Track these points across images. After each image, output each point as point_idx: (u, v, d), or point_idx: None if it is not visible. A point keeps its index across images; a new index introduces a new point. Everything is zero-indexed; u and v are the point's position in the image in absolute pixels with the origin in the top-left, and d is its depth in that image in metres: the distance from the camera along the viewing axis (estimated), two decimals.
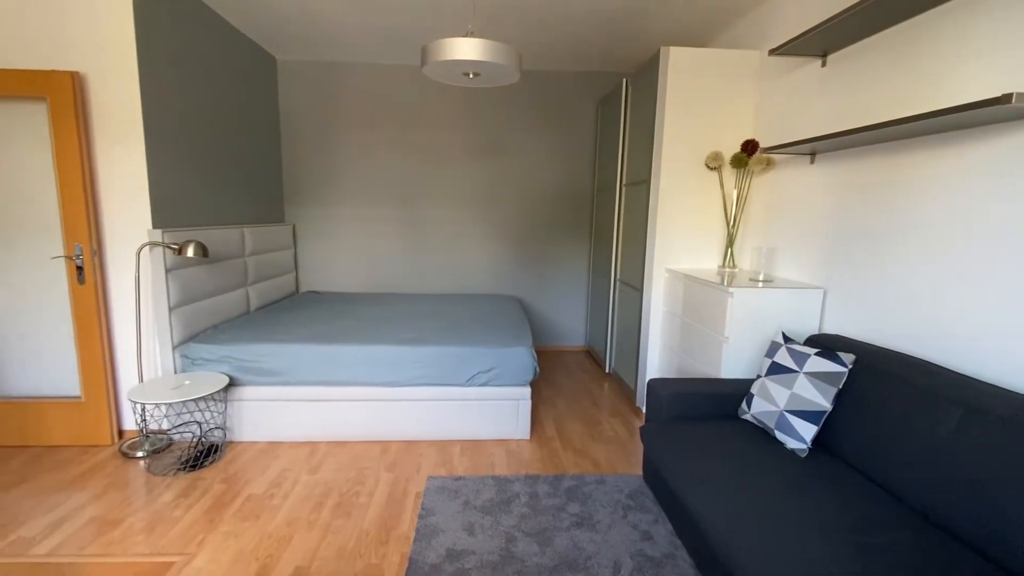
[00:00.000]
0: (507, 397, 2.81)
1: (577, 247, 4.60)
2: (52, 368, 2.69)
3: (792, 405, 1.90)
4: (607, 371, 4.05)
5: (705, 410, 2.19)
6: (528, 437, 2.87)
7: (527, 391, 2.82)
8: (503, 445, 2.79)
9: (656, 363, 3.21)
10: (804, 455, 1.83)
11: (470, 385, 2.78)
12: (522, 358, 2.78)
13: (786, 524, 1.43)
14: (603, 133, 4.16)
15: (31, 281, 2.61)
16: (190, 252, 2.60)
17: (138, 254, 2.57)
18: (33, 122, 2.50)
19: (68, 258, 2.55)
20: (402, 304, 3.85)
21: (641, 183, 3.26)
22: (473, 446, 2.78)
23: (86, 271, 2.56)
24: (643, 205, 3.19)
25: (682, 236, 3.06)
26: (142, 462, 2.52)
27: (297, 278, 4.48)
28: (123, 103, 2.54)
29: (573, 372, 4.11)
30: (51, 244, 2.59)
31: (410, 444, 2.79)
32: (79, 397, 2.68)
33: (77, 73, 2.45)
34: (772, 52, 2.40)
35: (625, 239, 3.64)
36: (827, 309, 2.39)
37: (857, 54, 2.21)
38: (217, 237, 3.12)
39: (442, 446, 2.77)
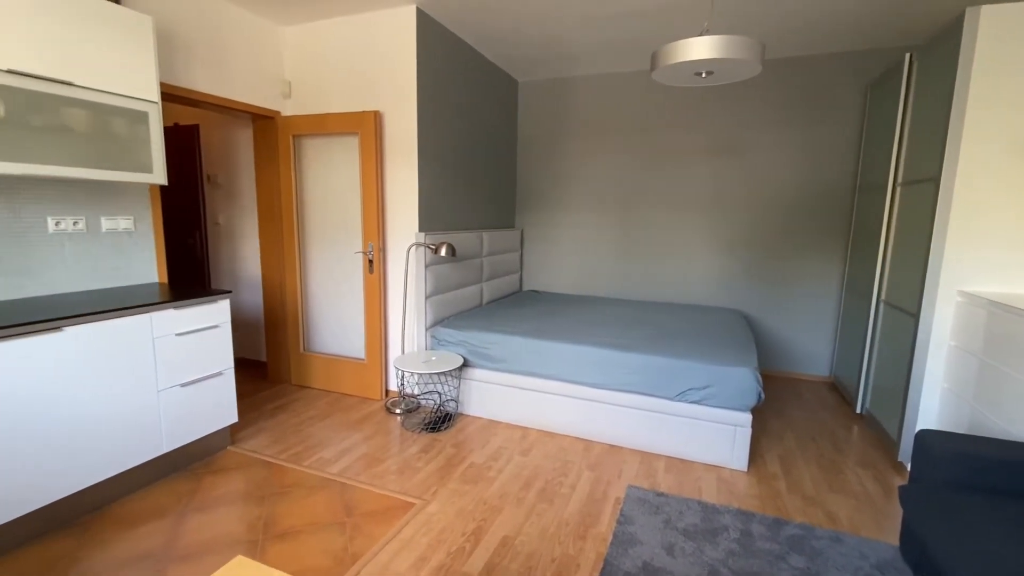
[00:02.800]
0: (723, 420, 2.58)
1: (825, 258, 3.91)
2: (348, 334, 3.56)
3: None
4: (858, 411, 3.34)
5: (1009, 483, 1.62)
6: (745, 469, 2.58)
7: (747, 418, 2.54)
8: (714, 471, 2.57)
9: (933, 411, 2.52)
10: None
11: (681, 400, 2.65)
12: (744, 380, 2.51)
13: None
14: (872, 122, 3.45)
15: (341, 269, 3.51)
16: (443, 252, 3.12)
17: (407, 252, 3.21)
18: (348, 151, 3.35)
19: (363, 253, 3.35)
20: (615, 308, 3.89)
21: (925, 181, 2.59)
22: (679, 465, 2.63)
23: (374, 264, 3.31)
24: (927, 208, 2.54)
25: (988, 250, 2.33)
26: (399, 418, 3.13)
27: (521, 278, 4.94)
28: (404, 133, 3.19)
29: (810, 406, 3.51)
30: (354, 242, 3.43)
31: (613, 448, 2.80)
32: (363, 359, 3.48)
33: (378, 112, 3.19)
34: None
35: (896, 251, 2.95)
36: None
37: None
38: (463, 239, 3.67)
39: (645, 457, 2.70)
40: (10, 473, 1.80)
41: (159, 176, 2.44)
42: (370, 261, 3.32)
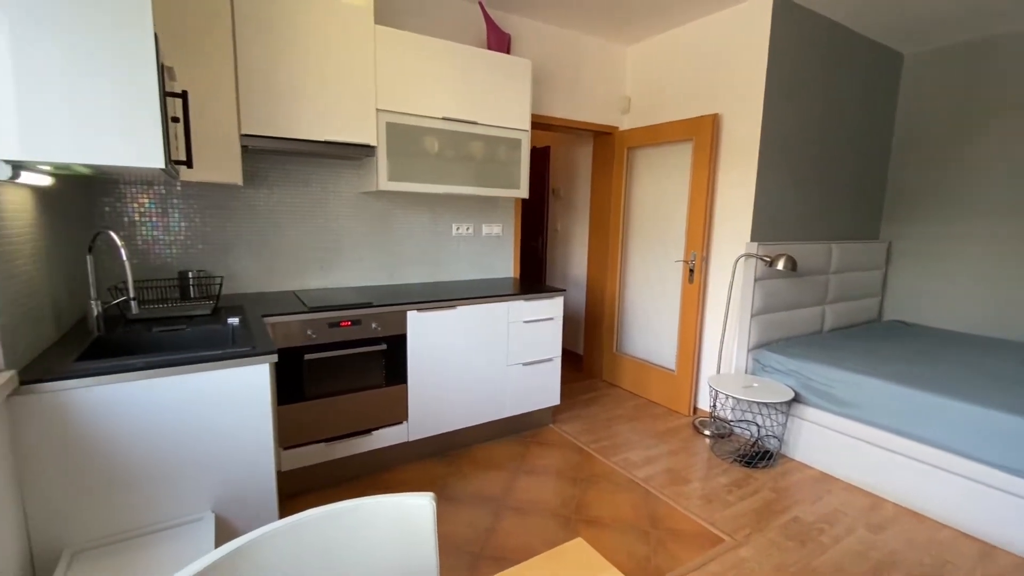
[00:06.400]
0: None
1: None
2: (660, 342, 3.54)
3: None
4: None
5: None
6: None
7: None
8: None
9: None
10: None
11: None
12: None
13: None
14: None
15: (659, 277, 3.51)
16: (780, 265, 2.74)
17: (735, 263, 2.95)
18: (679, 158, 3.30)
19: (684, 262, 3.26)
20: None
21: None
22: None
23: (695, 273, 3.18)
24: None
25: None
26: (707, 440, 2.93)
27: (882, 303, 3.90)
28: (744, 135, 2.93)
29: None
30: (674, 251, 3.38)
31: None
32: (673, 370, 3.41)
33: (716, 115, 3.04)
34: None
35: None
36: None
37: None
38: (805, 252, 3.14)
39: None
40: (428, 403, 2.51)
41: (524, 191, 2.96)
42: (691, 270, 3.21)
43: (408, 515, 0.93)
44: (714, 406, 2.95)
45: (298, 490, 2.30)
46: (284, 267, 2.62)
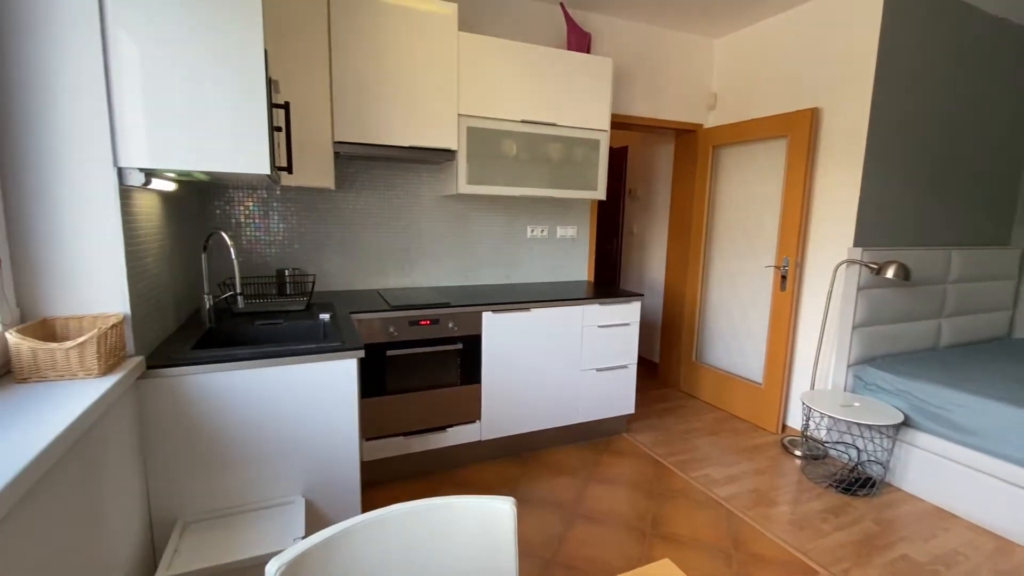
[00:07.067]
0: None
1: None
2: (746, 353, 3.32)
3: None
4: None
5: None
6: None
7: None
8: None
9: None
10: None
11: None
12: None
13: None
14: None
15: (745, 284, 3.30)
16: (890, 273, 2.47)
17: (835, 270, 2.70)
18: (770, 157, 3.08)
19: (777, 268, 3.03)
20: None
21: None
22: None
23: (788, 280, 2.95)
24: None
25: None
26: (798, 461, 2.71)
27: (1013, 319, 3.41)
28: (850, 130, 2.67)
29: None
30: (764, 256, 3.15)
31: None
32: (759, 383, 3.19)
33: (816, 109, 2.80)
34: None
35: None
36: None
37: None
38: (918, 259, 2.81)
39: None
40: (500, 404, 2.53)
41: (601, 193, 2.90)
42: (783, 277, 2.98)
43: (489, 518, 0.93)
44: (807, 425, 2.72)
45: (377, 480, 2.40)
46: (369, 266, 2.75)
